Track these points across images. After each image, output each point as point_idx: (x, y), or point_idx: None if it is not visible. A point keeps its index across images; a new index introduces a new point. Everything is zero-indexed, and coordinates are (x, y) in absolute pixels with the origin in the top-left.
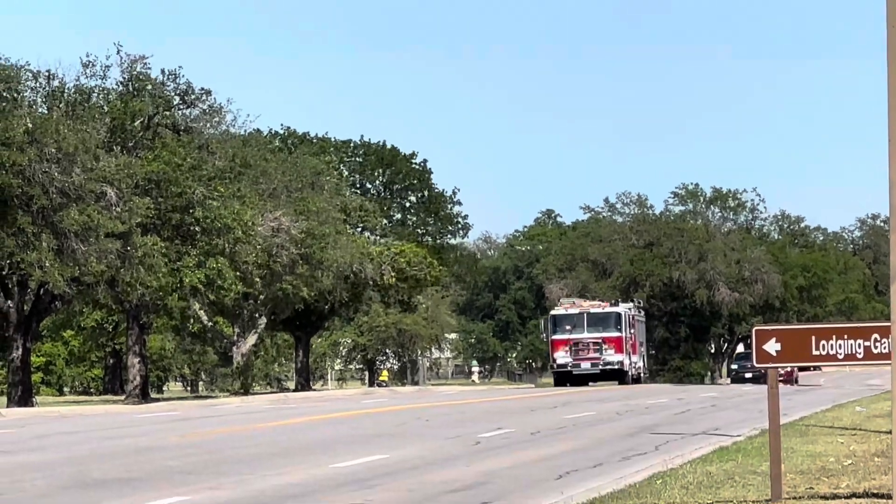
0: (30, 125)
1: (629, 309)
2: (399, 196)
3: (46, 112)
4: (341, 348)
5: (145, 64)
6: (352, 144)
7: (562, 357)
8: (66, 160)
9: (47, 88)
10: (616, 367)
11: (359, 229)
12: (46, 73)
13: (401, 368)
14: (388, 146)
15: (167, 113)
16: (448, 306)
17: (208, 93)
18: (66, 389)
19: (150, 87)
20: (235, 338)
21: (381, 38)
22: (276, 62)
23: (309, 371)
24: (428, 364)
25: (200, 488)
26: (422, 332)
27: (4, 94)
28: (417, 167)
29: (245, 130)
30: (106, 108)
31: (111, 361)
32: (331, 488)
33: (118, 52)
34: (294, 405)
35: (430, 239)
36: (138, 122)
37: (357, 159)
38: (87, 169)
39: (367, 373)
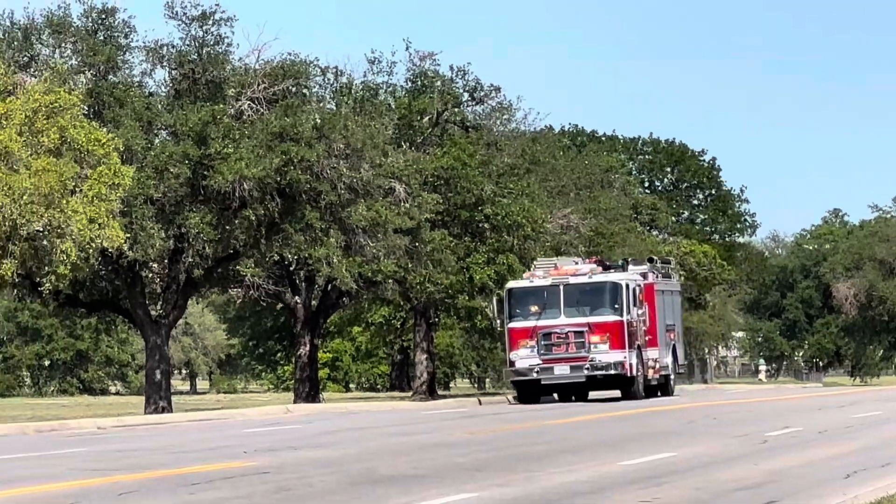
0: (318, 121)
1: (640, 276)
2: (687, 194)
3: (334, 108)
4: None
5: (434, 61)
6: (640, 142)
7: (524, 357)
8: (355, 156)
9: (335, 85)
10: (612, 371)
11: (648, 227)
12: (334, 70)
13: (688, 366)
14: (677, 143)
15: (456, 110)
16: (735, 304)
17: (497, 90)
18: (352, 386)
19: (438, 83)
20: None
21: (668, 38)
22: (565, 61)
23: None
24: (715, 362)
25: (488, 485)
26: (709, 329)
27: (293, 91)
28: (706, 165)
29: (534, 128)
30: (393, 105)
31: (398, 358)
32: (619, 486)
33: (407, 49)
34: (581, 403)
35: (718, 237)
36: (426, 118)
37: (646, 157)
38: (375, 165)
39: None
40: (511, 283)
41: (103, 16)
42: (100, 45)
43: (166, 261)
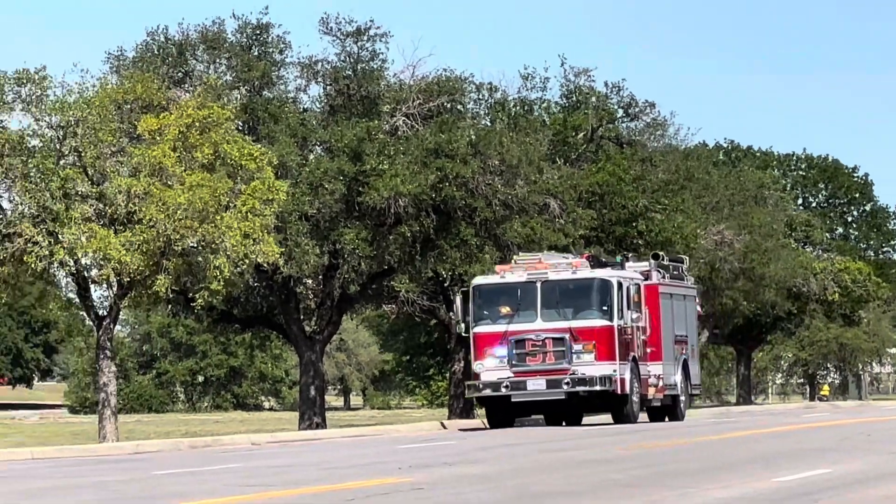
0: (473, 137)
1: (639, 275)
2: (841, 210)
3: (489, 124)
4: (782, 362)
5: (589, 76)
6: (794, 158)
7: (491, 368)
8: (510, 172)
9: (490, 101)
10: (598, 386)
11: (802, 244)
12: (489, 86)
13: (841, 383)
14: (830, 159)
15: (610, 126)
16: (890, 321)
17: (652, 105)
18: None
19: (593, 99)
20: None
21: (822, 53)
22: (717, 77)
23: (750, 385)
24: (869, 379)
25: (643, 501)
26: (863, 346)
27: (448, 107)
28: (859, 181)
29: (687, 143)
30: (548, 121)
31: None
32: (774, 502)
33: (562, 65)
34: (735, 419)
35: (872, 254)
36: (581, 134)
37: (799, 173)
38: (530, 181)
39: (807, 387)
40: (478, 279)
41: (258, 32)
42: (254, 61)
43: (321, 277)
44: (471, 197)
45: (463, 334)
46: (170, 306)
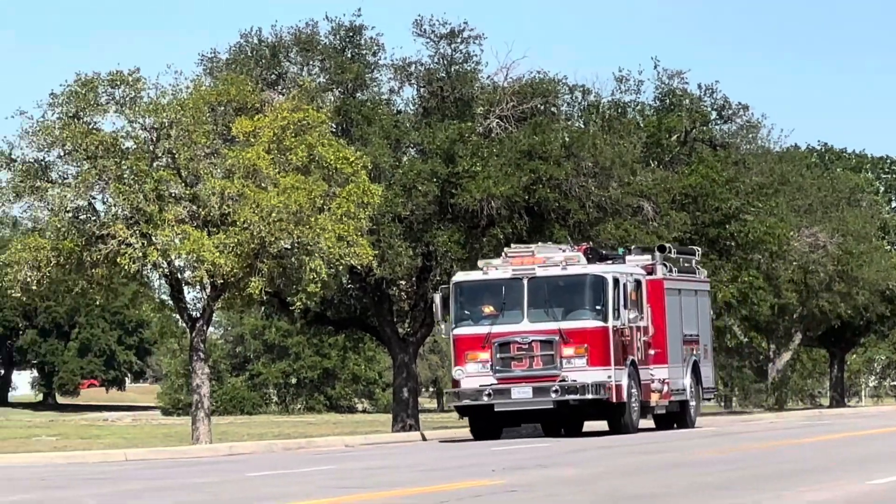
0: (567, 139)
1: (640, 269)
2: None
3: (583, 126)
4: (875, 365)
5: (682, 79)
6: (888, 160)
7: (473, 374)
8: (603, 174)
9: (583, 103)
10: (590, 394)
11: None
12: (582, 88)
13: None
14: None
15: (704, 128)
16: None
17: (745, 108)
18: None
19: (686, 102)
20: (770, 353)
21: None
22: (810, 79)
23: (843, 387)
24: None
25: (737, 503)
26: None
27: (542, 109)
28: None
29: (780, 146)
30: (641, 123)
31: None
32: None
33: (655, 67)
34: (829, 421)
35: None
36: (674, 136)
37: (893, 176)
38: (623, 183)
39: None
40: (458, 276)
41: (351, 34)
42: (348, 63)
43: (414, 279)
44: (564, 199)
45: (443, 336)
46: (263, 308)
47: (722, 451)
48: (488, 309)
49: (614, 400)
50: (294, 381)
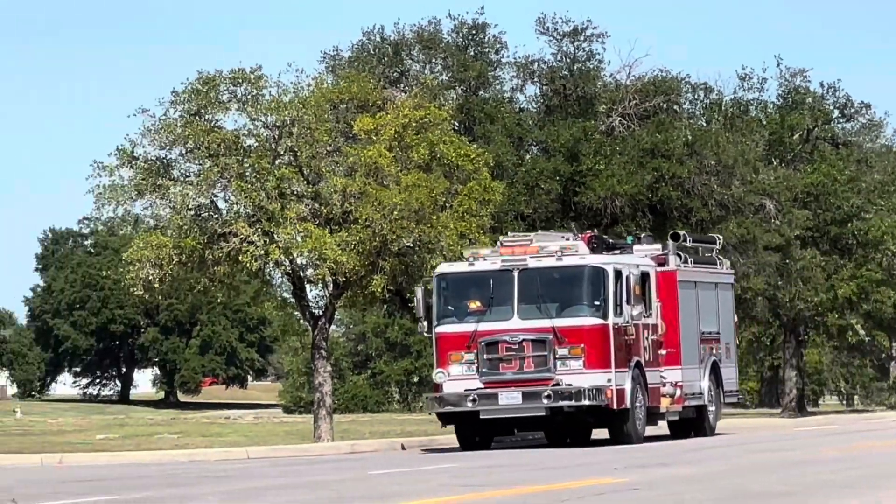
0: (689, 137)
1: (649, 260)
2: None
3: (705, 124)
4: None
5: (805, 77)
6: None
7: (456, 377)
8: (725, 172)
9: (705, 101)
10: (586, 401)
11: None
12: (704, 86)
13: None
14: None
15: (826, 126)
16: None
17: (868, 106)
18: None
19: (809, 100)
20: (893, 351)
21: None
22: None
23: None
24: None
25: (862, 501)
26: None
27: (664, 107)
28: None
29: None
30: (764, 121)
31: (767, 375)
32: None
33: (778, 65)
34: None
35: None
36: (797, 135)
37: None
38: (745, 181)
39: None
40: (442, 267)
41: (474, 31)
42: (470, 61)
43: None
44: (687, 197)
45: (425, 334)
46: (385, 306)
47: (843, 449)
48: (474, 304)
49: (615, 406)
50: (416, 379)
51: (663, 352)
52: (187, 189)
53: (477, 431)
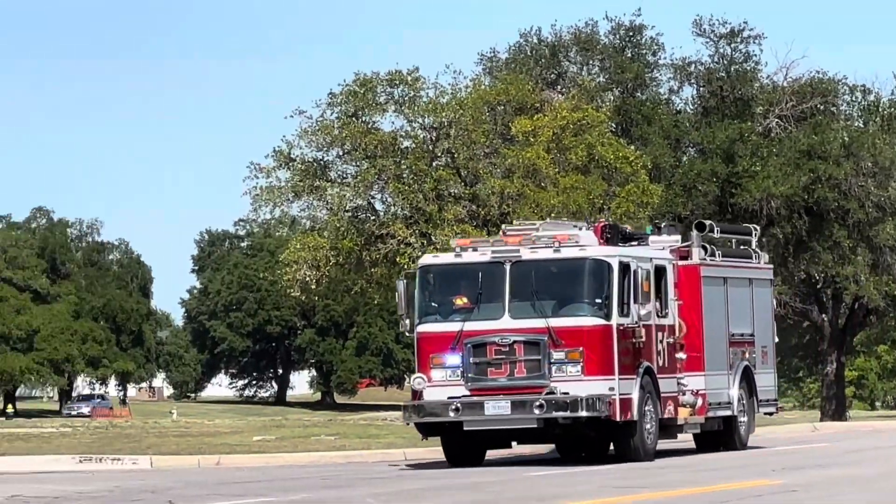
0: (846, 139)
1: (666, 252)
2: None
3: (862, 126)
4: None
5: None
6: None
7: (438, 382)
8: (882, 174)
9: (863, 102)
10: (584, 412)
11: None
12: (862, 88)
13: None
14: None
15: None
16: None
17: None
18: (877, 404)
19: None
20: None
21: None
22: None
23: None
24: None
25: None
26: None
27: (821, 108)
28: None
29: None
30: None
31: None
32: None
33: None
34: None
35: None
36: None
37: None
38: None
39: None
40: (425, 259)
41: (631, 33)
42: (627, 63)
43: None
44: (843, 199)
45: (407, 334)
46: None
47: None
48: (461, 301)
49: (618, 418)
50: None
51: (683, 356)
52: (344, 190)
53: (465, 444)
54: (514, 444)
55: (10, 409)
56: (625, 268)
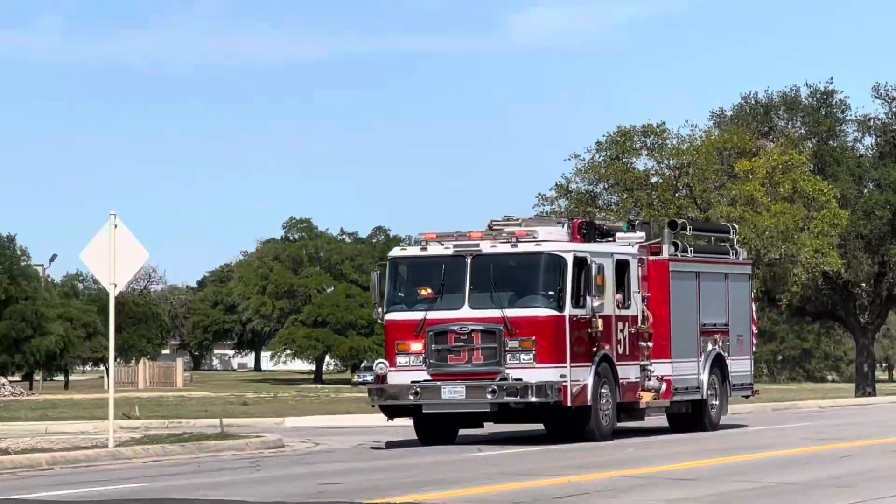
0: None
1: (632, 247)
2: None
3: None
4: None
5: None
6: None
7: (402, 367)
8: None
9: None
10: (533, 397)
11: None
12: None
13: None
14: None
15: None
16: None
17: None
18: None
19: None
20: None
21: None
22: None
23: None
24: None
25: None
26: None
27: None
28: None
29: None
30: None
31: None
32: None
33: None
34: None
35: None
36: None
37: None
38: None
39: None
40: (394, 251)
41: (825, 96)
42: (822, 119)
43: (872, 282)
44: None
45: (378, 321)
46: (757, 303)
47: None
48: (425, 291)
49: (569, 403)
50: (780, 357)
51: (648, 344)
52: (609, 215)
53: (433, 425)
54: (495, 424)
55: (355, 378)
56: (580, 262)
